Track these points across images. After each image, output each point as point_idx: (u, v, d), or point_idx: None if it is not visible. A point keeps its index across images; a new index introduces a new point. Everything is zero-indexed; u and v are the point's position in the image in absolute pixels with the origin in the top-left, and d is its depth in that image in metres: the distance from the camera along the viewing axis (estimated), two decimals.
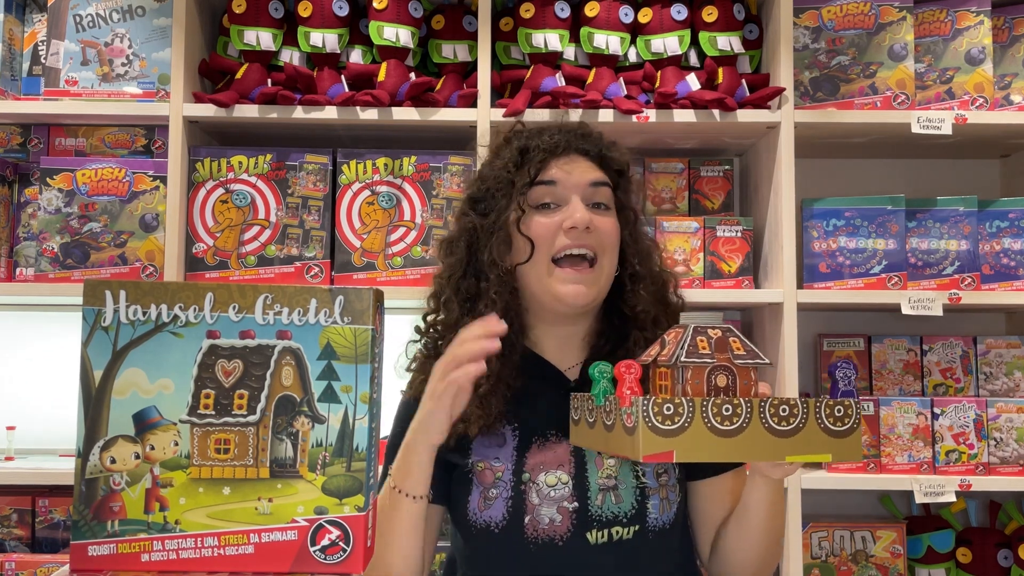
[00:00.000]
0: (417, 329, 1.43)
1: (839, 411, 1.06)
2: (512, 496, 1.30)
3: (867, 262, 2.14)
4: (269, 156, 2.10)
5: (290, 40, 2.16)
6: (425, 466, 1.25)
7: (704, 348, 1.07)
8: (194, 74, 2.15)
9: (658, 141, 2.28)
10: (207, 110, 2.07)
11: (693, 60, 2.20)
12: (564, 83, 2.13)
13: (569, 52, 2.18)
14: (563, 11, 2.15)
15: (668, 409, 1.01)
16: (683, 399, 1.02)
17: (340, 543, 0.95)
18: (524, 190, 1.33)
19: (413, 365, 1.43)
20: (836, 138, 2.27)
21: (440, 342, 1.38)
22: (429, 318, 1.42)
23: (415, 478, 1.25)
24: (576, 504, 1.30)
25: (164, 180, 2.08)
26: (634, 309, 1.37)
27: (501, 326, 1.21)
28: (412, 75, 2.11)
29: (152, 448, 0.96)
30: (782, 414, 1.04)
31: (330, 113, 2.07)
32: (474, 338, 1.20)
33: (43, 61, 2.21)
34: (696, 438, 1.01)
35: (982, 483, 2.08)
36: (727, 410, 1.02)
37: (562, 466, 1.32)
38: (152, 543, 0.95)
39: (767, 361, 1.09)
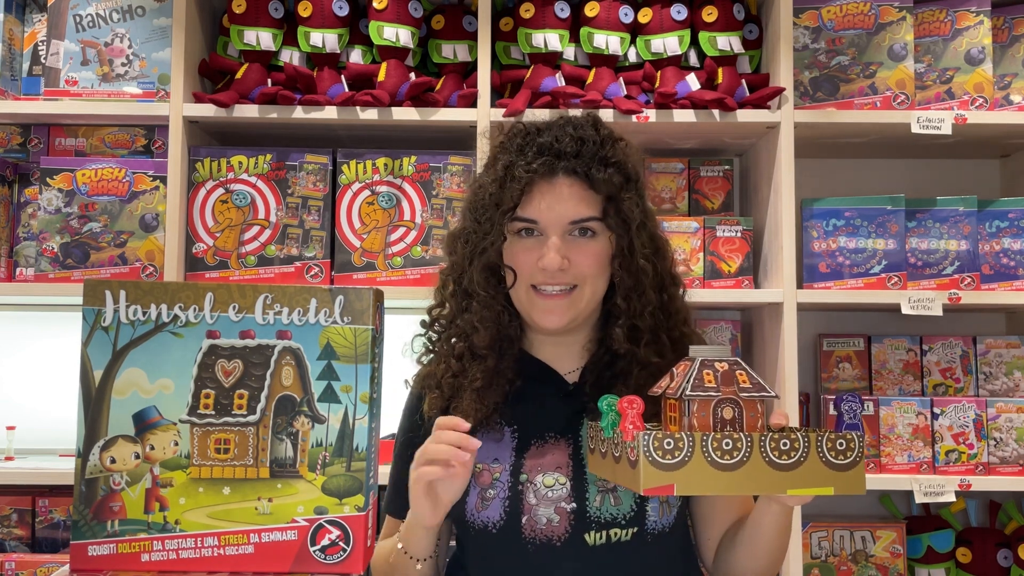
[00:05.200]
0: (423, 323, 1.46)
1: (841, 444, 1.06)
2: (509, 496, 1.31)
3: (867, 262, 2.14)
4: (269, 156, 2.10)
5: (290, 40, 2.16)
6: (425, 541, 1.30)
7: (710, 382, 1.09)
8: (194, 74, 2.15)
9: (658, 141, 2.28)
10: (207, 110, 2.07)
11: (693, 60, 2.20)
12: (564, 83, 2.13)
13: (569, 52, 2.18)
14: (563, 11, 2.15)
15: (668, 444, 1.04)
16: (683, 434, 1.04)
17: (340, 543, 0.95)
18: (504, 220, 1.32)
19: (423, 359, 1.46)
20: (836, 138, 2.27)
21: (443, 335, 1.42)
22: (435, 312, 1.45)
23: (418, 547, 1.31)
24: (574, 505, 1.30)
25: (164, 180, 2.08)
26: (610, 343, 1.35)
27: (473, 444, 1.21)
28: (412, 75, 2.11)
29: (152, 448, 0.96)
30: (783, 448, 1.05)
31: (330, 113, 2.07)
32: (447, 442, 1.21)
33: (43, 61, 2.21)
34: (697, 472, 1.04)
35: (982, 483, 2.08)
36: (727, 444, 1.04)
37: (560, 468, 1.32)
38: (152, 543, 0.96)
39: (773, 394, 1.10)
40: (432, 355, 1.44)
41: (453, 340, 1.39)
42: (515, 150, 1.34)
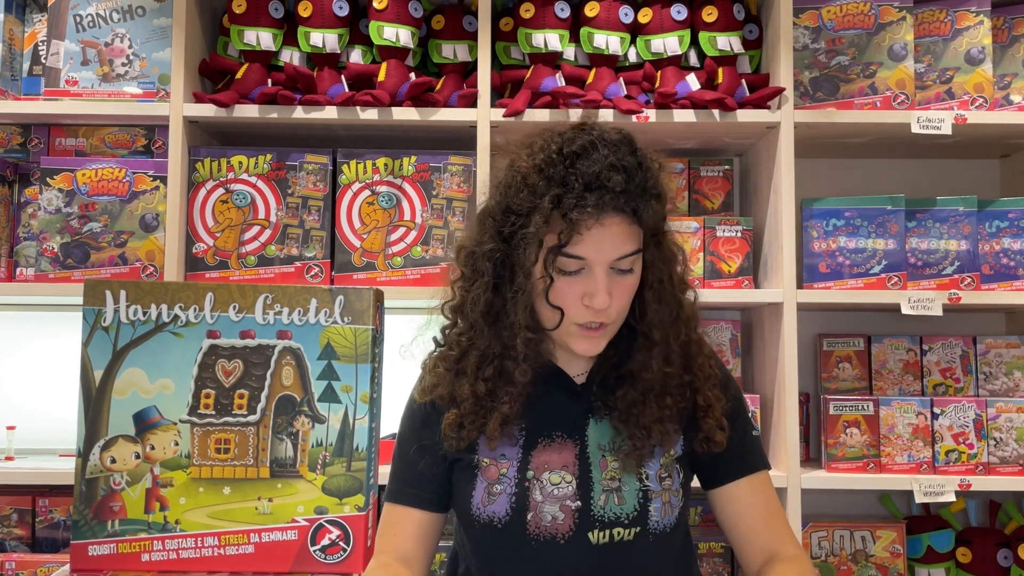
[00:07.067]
0: (435, 340, 1.40)
1: None
2: (516, 492, 1.31)
3: (867, 262, 2.14)
4: (269, 156, 2.10)
5: (290, 40, 2.16)
6: None
7: None
8: (194, 74, 2.15)
9: (658, 141, 2.28)
10: (207, 110, 2.07)
11: (693, 60, 2.20)
12: (564, 83, 2.13)
13: (569, 52, 2.18)
14: (563, 11, 2.15)
15: None
16: None
17: (340, 543, 0.95)
18: (552, 258, 1.25)
19: (429, 365, 1.42)
20: (836, 138, 2.27)
21: (465, 355, 1.35)
22: (448, 331, 1.39)
23: None
24: (579, 503, 1.31)
25: (164, 180, 2.08)
26: (638, 369, 1.33)
27: None
28: (412, 75, 2.11)
29: (152, 448, 0.96)
30: None
31: (330, 113, 2.07)
32: None
33: (43, 61, 2.21)
34: None
35: (982, 483, 2.07)
36: None
37: (567, 466, 1.33)
38: (152, 543, 0.96)
39: None
40: (446, 370, 1.36)
41: (480, 362, 1.33)
42: (558, 181, 1.25)
